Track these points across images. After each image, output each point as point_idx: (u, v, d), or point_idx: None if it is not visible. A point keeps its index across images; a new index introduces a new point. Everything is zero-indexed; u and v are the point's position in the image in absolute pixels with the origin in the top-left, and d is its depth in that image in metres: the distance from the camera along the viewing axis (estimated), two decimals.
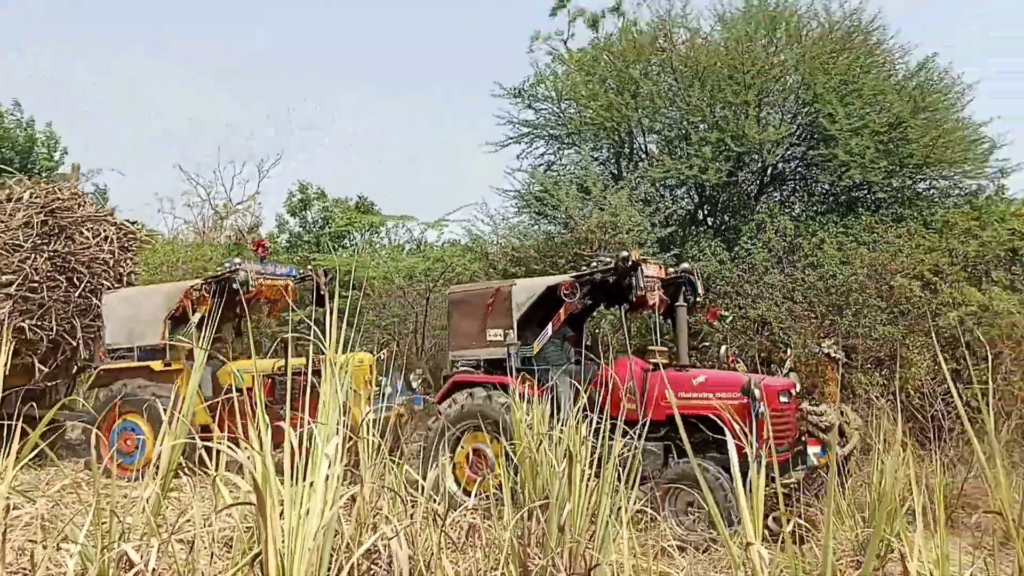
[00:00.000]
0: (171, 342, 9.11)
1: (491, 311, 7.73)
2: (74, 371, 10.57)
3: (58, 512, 4.28)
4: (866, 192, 13.43)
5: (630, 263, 7.43)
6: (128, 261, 10.80)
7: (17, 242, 9.72)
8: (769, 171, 14.19)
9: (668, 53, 13.91)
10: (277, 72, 45.82)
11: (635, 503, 4.33)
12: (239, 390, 8.63)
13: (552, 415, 6.64)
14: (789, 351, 9.73)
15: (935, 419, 9.02)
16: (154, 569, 3.16)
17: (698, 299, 8.23)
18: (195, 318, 8.89)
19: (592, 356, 8.17)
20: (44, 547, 3.29)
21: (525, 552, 4.04)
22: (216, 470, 3.64)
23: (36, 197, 10.12)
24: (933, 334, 9.56)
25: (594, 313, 9.91)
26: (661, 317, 8.10)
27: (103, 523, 3.44)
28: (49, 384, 9.96)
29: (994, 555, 4.07)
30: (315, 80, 45.70)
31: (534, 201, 13.57)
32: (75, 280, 9.91)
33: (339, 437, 3.05)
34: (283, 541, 2.72)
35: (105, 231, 10.50)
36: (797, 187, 14.63)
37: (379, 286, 15.25)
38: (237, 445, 4.48)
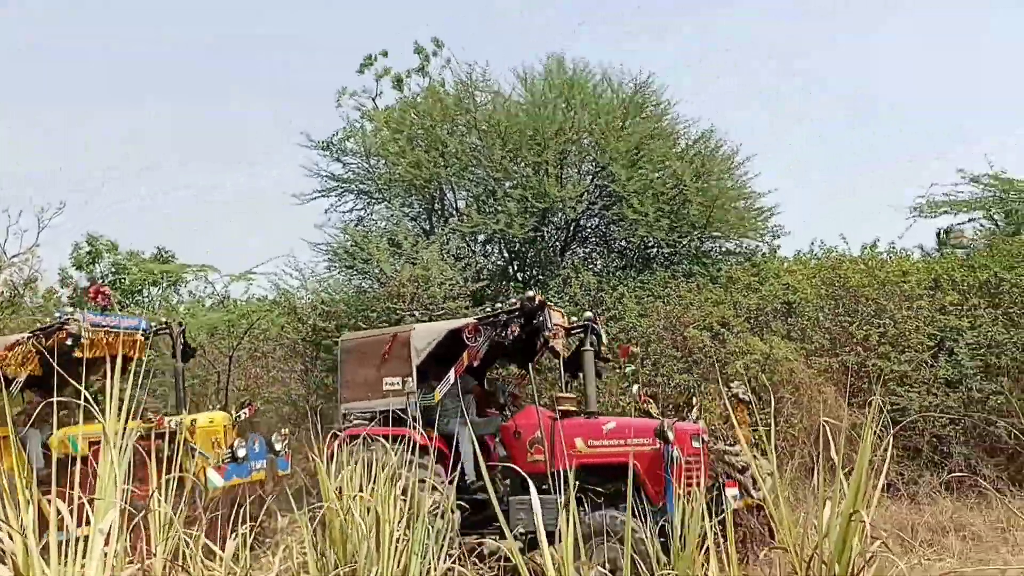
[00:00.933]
0: None
1: (388, 358, 7.28)
2: None
3: None
4: (659, 250, 14.39)
5: (536, 303, 7.10)
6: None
7: None
8: (572, 228, 14.91)
9: (472, 114, 14.37)
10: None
11: (447, 562, 4.26)
12: (74, 459, 7.66)
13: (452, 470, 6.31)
14: (694, 399, 9.77)
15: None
16: None
17: (603, 346, 7.88)
18: (20, 378, 7.87)
19: (496, 407, 7.87)
20: None
21: None
22: None
23: None
24: (721, 381, 10.29)
25: (494, 365, 9.58)
26: (563, 365, 7.74)
27: None
28: None
29: None
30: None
31: (345, 255, 13.38)
32: None
33: (115, 512, 2.76)
34: None
35: None
36: (598, 244, 15.45)
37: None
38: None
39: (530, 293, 7.30)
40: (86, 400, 9.21)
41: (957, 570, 6.30)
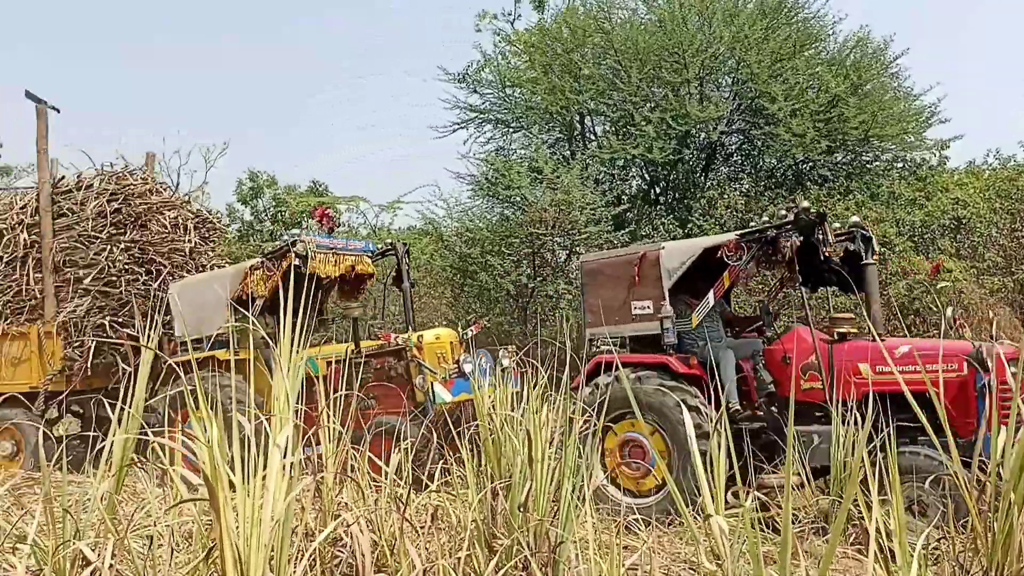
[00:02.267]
0: (238, 327, 8.14)
1: (637, 281, 6.70)
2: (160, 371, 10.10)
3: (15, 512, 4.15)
4: (811, 167, 13.63)
5: (815, 215, 6.22)
6: (209, 252, 9.97)
7: (91, 233, 9.01)
8: (715, 148, 14.33)
9: (608, 35, 13.94)
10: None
11: (595, 480, 4.34)
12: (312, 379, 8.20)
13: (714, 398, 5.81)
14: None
15: None
16: (111, 566, 3.08)
17: (875, 256, 6.83)
18: (259, 300, 8.02)
19: (755, 330, 7.29)
20: None
21: (490, 532, 4.03)
22: (172, 463, 3.55)
23: (107, 184, 9.31)
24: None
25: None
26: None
27: (57, 522, 3.35)
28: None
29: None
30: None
31: (487, 184, 13.52)
32: (154, 272, 9.18)
33: (290, 426, 2.99)
34: (238, 533, 2.66)
35: (183, 219, 9.70)
36: (744, 163, 14.81)
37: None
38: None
39: (805, 203, 6.44)
40: (320, 322, 9.44)
41: None
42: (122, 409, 3.70)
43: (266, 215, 18.00)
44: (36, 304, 9.08)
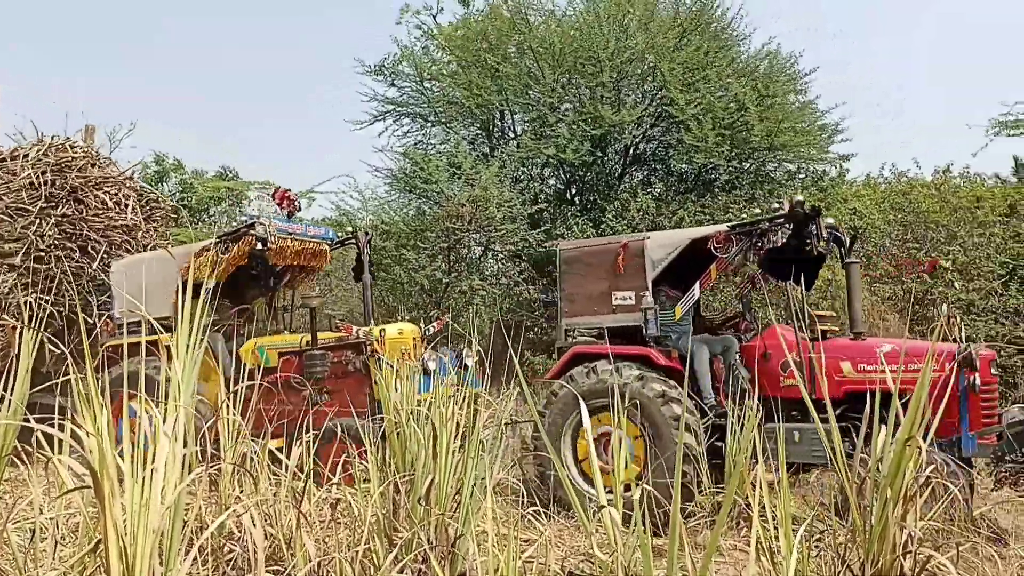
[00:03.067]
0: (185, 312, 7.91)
1: (617, 270, 6.54)
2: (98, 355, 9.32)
3: None
4: (719, 173, 14.06)
5: (809, 208, 6.18)
6: (153, 232, 9.38)
7: (21, 205, 8.41)
8: (631, 152, 14.62)
9: (525, 35, 14.04)
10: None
11: (499, 473, 4.38)
12: (264, 370, 7.42)
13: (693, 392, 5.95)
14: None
15: None
16: None
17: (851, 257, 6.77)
18: (209, 283, 7.54)
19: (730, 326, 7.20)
20: None
21: (391, 526, 4.02)
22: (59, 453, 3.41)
23: (43, 155, 8.76)
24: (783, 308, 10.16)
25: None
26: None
27: None
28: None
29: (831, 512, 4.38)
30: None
31: (404, 178, 13.44)
32: (90, 250, 8.64)
33: (183, 416, 2.91)
34: (125, 525, 2.58)
35: (124, 196, 9.11)
36: (657, 167, 15.15)
37: None
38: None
39: (799, 197, 6.37)
40: (272, 311, 9.02)
41: (1014, 499, 6.23)
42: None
43: (172, 200, 17.38)
44: None
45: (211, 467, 3.99)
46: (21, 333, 8.10)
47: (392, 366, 7.04)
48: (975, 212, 11.27)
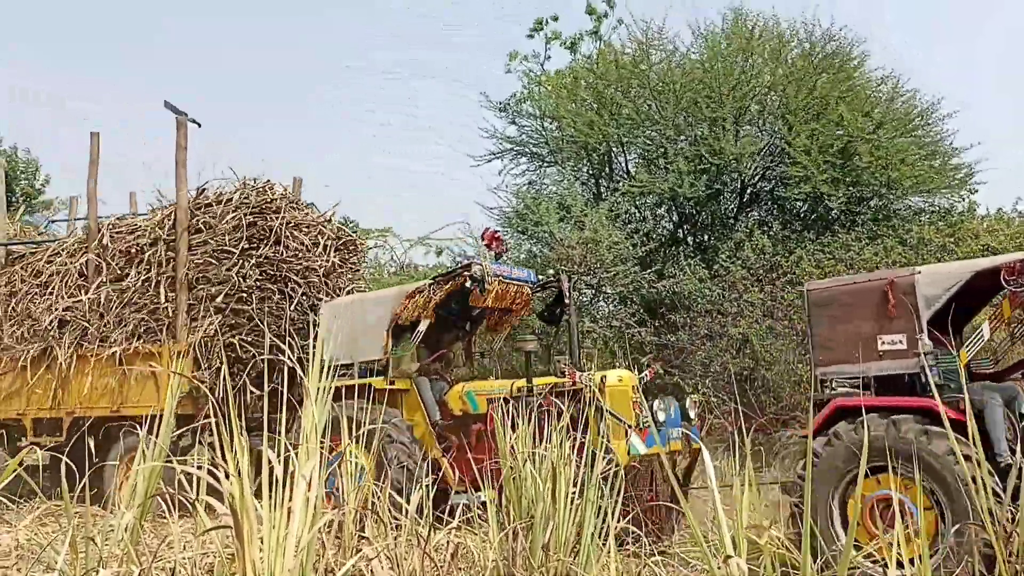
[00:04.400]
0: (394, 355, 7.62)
1: (885, 310, 5.81)
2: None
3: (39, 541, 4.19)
4: (837, 211, 13.58)
5: None
6: (349, 274, 9.49)
7: (226, 248, 8.57)
8: (748, 191, 14.34)
9: (646, 73, 14.06)
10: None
11: (619, 521, 4.30)
12: (472, 417, 7.47)
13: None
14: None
15: None
16: None
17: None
18: (422, 326, 7.55)
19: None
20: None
21: (510, 572, 4.01)
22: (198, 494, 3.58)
23: (246, 197, 8.87)
24: None
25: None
26: None
27: (80, 552, 3.38)
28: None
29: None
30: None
31: (517, 219, 13.61)
32: (288, 292, 8.70)
33: (316, 458, 3.01)
34: (262, 564, 2.68)
35: (322, 239, 9.19)
36: (774, 206, 14.78)
37: None
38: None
39: None
40: (470, 355, 9.03)
41: None
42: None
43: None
44: (170, 323, 8.70)
45: (337, 511, 4.09)
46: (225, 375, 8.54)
47: (620, 418, 6.71)
48: None
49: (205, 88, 42.89)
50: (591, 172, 15.20)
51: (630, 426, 6.66)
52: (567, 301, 7.93)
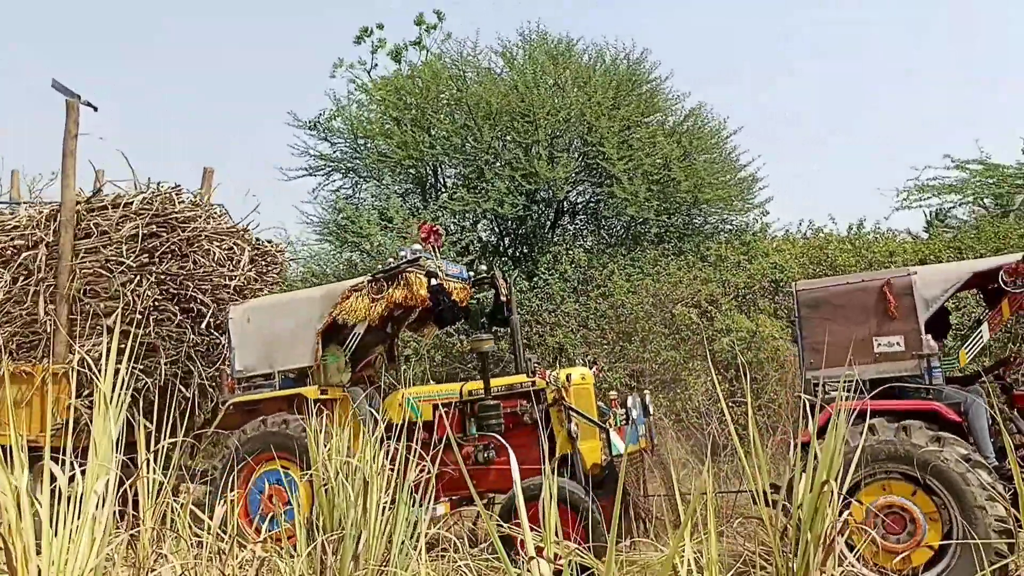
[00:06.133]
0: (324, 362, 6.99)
1: (882, 311, 5.66)
2: (195, 429, 7.90)
3: None
4: (648, 227, 14.46)
5: None
6: (264, 291, 8.51)
7: (121, 259, 7.55)
8: (561, 204, 14.95)
9: (462, 93, 14.34)
10: None
11: (431, 527, 4.35)
12: (413, 425, 6.60)
13: None
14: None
15: (711, 436, 9.79)
16: None
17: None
18: (360, 328, 6.93)
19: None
20: None
21: None
22: None
23: (148, 203, 7.87)
24: (709, 358, 10.42)
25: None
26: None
27: None
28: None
29: (755, 559, 4.48)
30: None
31: (336, 229, 13.41)
32: (194, 311, 7.82)
33: (110, 475, 2.84)
34: None
35: (237, 252, 8.27)
36: (588, 220, 15.50)
37: None
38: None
39: None
40: (390, 359, 8.03)
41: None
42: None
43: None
44: (49, 339, 7.57)
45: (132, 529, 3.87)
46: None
47: (589, 418, 6.39)
48: (887, 265, 11.80)
49: (205, 88, 39.43)
50: (412, 184, 15.29)
51: (604, 426, 6.39)
52: (503, 299, 7.51)
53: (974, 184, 14.85)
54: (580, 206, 15.50)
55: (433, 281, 6.74)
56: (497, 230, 15.07)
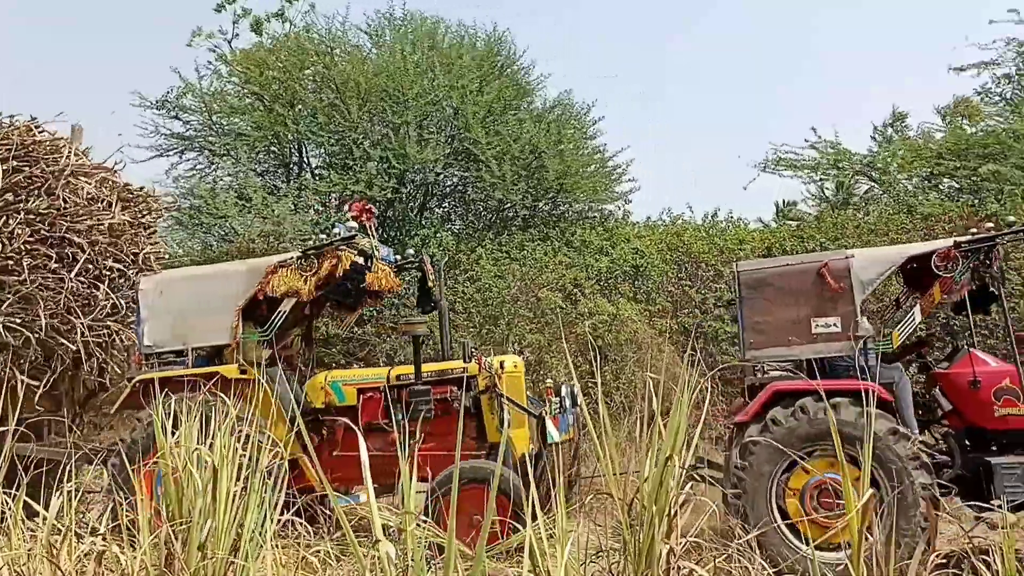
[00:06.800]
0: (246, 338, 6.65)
1: (820, 293, 5.77)
2: (82, 393, 7.50)
3: None
4: (516, 212, 14.65)
5: None
6: (144, 240, 7.83)
7: None
8: (431, 188, 14.90)
9: (329, 70, 14.01)
10: None
11: (283, 514, 4.27)
12: (339, 409, 6.65)
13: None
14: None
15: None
16: None
17: None
18: (285, 306, 6.64)
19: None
20: None
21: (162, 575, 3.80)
22: None
23: (5, 138, 7.12)
24: (570, 340, 10.70)
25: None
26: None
27: None
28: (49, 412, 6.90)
29: (605, 532, 4.66)
30: None
31: (191, 211, 12.83)
32: (69, 257, 7.04)
33: None
34: None
35: (107, 193, 7.47)
36: (457, 203, 15.53)
37: None
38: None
39: (1011, 219, 6.02)
40: (307, 342, 7.56)
41: None
42: None
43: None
44: None
45: None
46: None
47: (520, 406, 6.44)
48: (738, 253, 12.47)
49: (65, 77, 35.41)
50: (275, 162, 14.82)
51: (540, 415, 6.39)
52: (431, 284, 7.42)
53: (824, 166, 15.85)
54: (449, 189, 15.50)
55: (360, 260, 6.58)
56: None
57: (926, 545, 5.16)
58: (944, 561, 4.25)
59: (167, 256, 8.96)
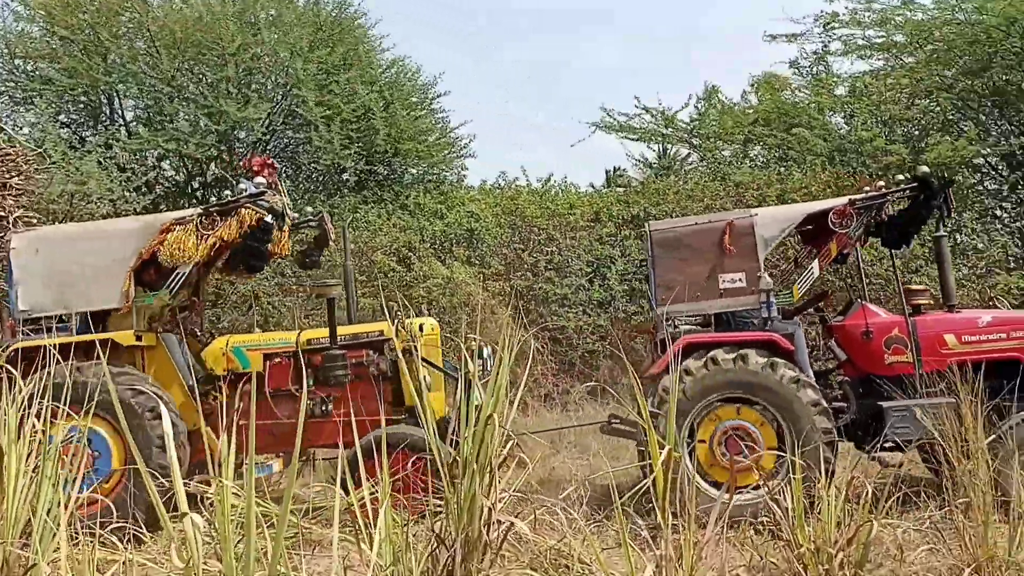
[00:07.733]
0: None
1: (726, 251, 6.06)
2: None
3: None
4: (349, 175, 14.31)
5: (937, 182, 6.16)
6: (13, 199, 7.48)
7: None
8: (259, 149, 14.25)
9: (144, 16, 13.00)
10: None
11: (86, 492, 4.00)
12: (240, 375, 6.26)
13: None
14: None
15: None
16: None
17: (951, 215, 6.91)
18: (183, 268, 6.18)
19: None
20: None
21: None
22: None
23: None
24: (407, 303, 10.64)
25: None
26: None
27: None
28: None
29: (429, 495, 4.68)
30: None
31: None
32: None
33: None
34: None
35: None
36: (288, 164, 14.97)
37: None
38: None
39: (925, 168, 6.33)
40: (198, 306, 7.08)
41: (593, 465, 7.22)
42: None
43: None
44: None
45: None
46: None
47: (441, 368, 6.43)
48: (568, 217, 12.80)
49: None
50: (82, 114, 13.63)
51: (464, 377, 6.17)
52: (331, 242, 7.20)
53: (649, 131, 16.50)
54: (279, 151, 14.88)
55: (268, 218, 6.22)
56: (187, 170, 13.99)
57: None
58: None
59: (36, 221, 8.42)
